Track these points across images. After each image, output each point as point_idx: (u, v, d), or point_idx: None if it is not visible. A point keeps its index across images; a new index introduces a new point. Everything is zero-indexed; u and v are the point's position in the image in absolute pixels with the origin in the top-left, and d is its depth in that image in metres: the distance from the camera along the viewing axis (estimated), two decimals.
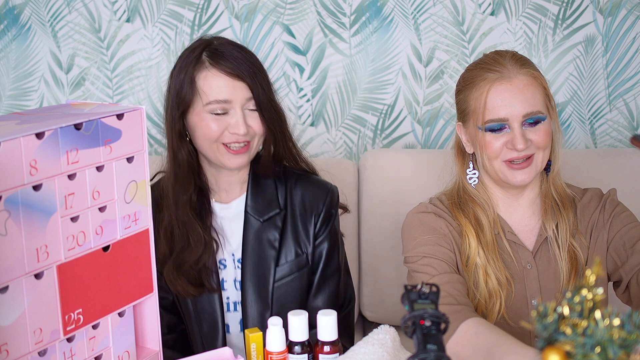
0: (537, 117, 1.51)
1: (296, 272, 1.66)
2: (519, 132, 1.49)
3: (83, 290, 1.10)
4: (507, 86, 1.50)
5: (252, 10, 2.39)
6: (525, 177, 1.52)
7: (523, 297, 1.55)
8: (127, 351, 1.20)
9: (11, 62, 2.46)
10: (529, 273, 1.56)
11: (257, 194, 1.66)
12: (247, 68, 1.58)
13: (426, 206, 1.61)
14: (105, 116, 1.11)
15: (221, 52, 1.58)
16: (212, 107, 1.57)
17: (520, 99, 1.49)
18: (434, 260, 1.52)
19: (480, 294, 1.53)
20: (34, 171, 1.02)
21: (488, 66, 1.53)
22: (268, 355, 1.30)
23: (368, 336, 1.33)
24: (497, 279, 1.52)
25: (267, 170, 1.67)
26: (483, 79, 1.52)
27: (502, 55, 1.55)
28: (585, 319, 0.93)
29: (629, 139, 1.54)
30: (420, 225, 1.58)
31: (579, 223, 1.59)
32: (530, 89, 1.50)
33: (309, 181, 1.70)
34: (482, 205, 1.58)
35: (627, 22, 2.37)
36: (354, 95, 2.42)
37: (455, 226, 1.57)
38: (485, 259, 1.53)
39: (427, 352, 0.95)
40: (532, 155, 1.52)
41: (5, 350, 1.00)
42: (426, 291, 1.05)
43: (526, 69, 1.52)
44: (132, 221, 1.17)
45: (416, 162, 2.19)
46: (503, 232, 1.57)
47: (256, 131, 1.60)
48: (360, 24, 2.38)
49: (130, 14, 2.41)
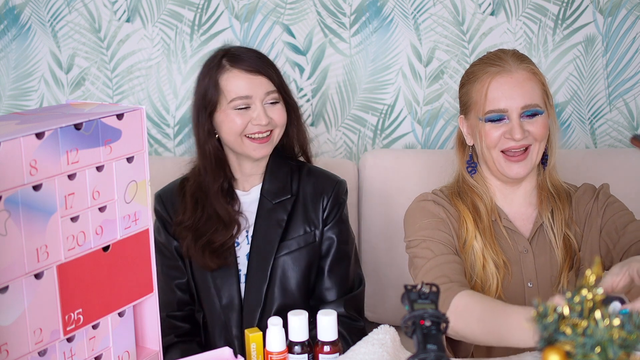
0: (535, 109, 1.57)
1: (303, 247, 1.80)
2: (517, 123, 1.56)
3: (83, 290, 1.10)
4: (507, 79, 1.57)
5: (252, 10, 2.39)
6: (521, 170, 1.59)
7: (519, 279, 1.61)
8: (127, 351, 1.20)
9: (11, 62, 2.46)
10: (525, 257, 1.62)
11: (273, 180, 1.83)
12: (264, 65, 1.78)
13: (426, 195, 1.68)
14: (105, 116, 1.11)
15: (238, 55, 1.79)
16: (236, 103, 1.76)
17: (520, 92, 1.56)
18: (433, 242, 1.58)
19: (477, 276, 1.59)
20: (34, 171, 1.02)
21: (490, 61, 1.61)
22: (268, 355, 1.30)
23: (368, 336, 1.33)
24: (494, 261, 1.58)
25: (280, 156, 1.86)
26: (485, 72, 1.60)
27: (504, 51, 1.63)
28: (585, 319, 0.93)
29: (629, 139, 1.57)
30: (420, 212, 1.64)
31: (573, 213, 1.65)
32: (529, 83, 1.58)
33: (320, 172, 1.88)
34: (480, 195, 1.64)
35: (627, 22, 2.37)
36: (354, 95, 2.42)
37: (453, 212, 1.63)
38: (482, 243, 1.59)
39: (427, 352, 0.95)
40: (529, 146, 1.59)
41: (5, 350, 1.00)
42: (426, 291, 1.06)
43: (526, 64, 1.60)
44: (132, 221, 1.17)
45: (416, 162, 2.19)
46: (500, 218, 1.64)
47: (277, 122, 1.78)
48: (360, 24, 2.38)
49: (130, 14, 2.41)
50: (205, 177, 1.81)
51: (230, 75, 1.77)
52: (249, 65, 1.77)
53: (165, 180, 1.89)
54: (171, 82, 2.44)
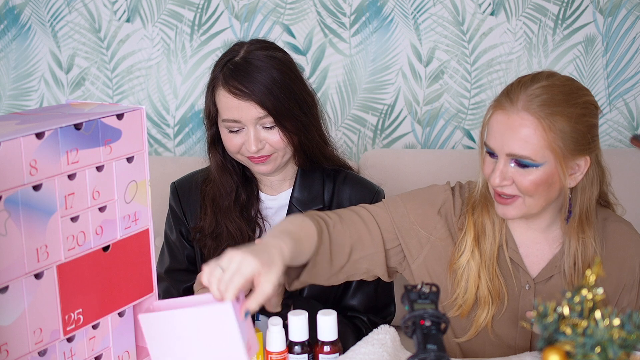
0: (522, 161, 1.36)
1: None
2: (500, 168, 1.39)
3: (83, 290, 1.10)
4: (503, 118, 1.38)
5: (252, 10, 2.39)
6: (507, 212, 1.41)
7: (514, 315, 1.48)
8: (127, 351, 1.20)
9: (11, 62, 2.46)
10: (526, 293, 1.47)
11: (304, 188, 1.69)
12: (260, 86, 1.57)
13: (446, 190, 1.53)
14: (105, 116, 1.11)
15: (236, 70, 1.58)
16: (227, 125, 1.60)
17: (510, 136, 1.37)
18: (386, 213, 1.48)
19: (465, 299, 1.46)
20: (34, 171, 1.01)
21: (507, 91, 1.42)
22: (268, 355, 1.30)
23: (368, 336, 1.33)
24: (488, 288, 1.45)
25: (305, 163, 1.69)
26: (496, 100, 1.43)
27: (524, 84, 1.40)
28: (585, 319, 0.93)
29: (629, 139, 1.51)
30: (427, 194, 1.53)
31: (605, 261, 1.46)
32: (524, 130, 1.36)
33: (357, 180, 1.73)
34: (492, 217, 1.47)
35: (627, 22, 2.37)
36: (354, 95, 2.42)
37: (456, 222, 1.50)
38: (480, 263, 1.45)
39: (427, 352, 0.95)
40: (516, 197, 1.40)
41: (5, 350, 1.00)
42: (426, 291, 1.06)
43: (535, 109, 1.36)
44: (132, 221, 1.17)
45: (416, 162, 2.19)
46: (506, 247, 1.48)
47: (274, 146, 1.60)
48: (360, 24, 2.38)
49: (130, 14, 2.41)
50: (213, 187, 1.69)
51: (221, 93, 1.59)
52: (238, 88, 1.56)
53: (165, 180, 1.87)
54: (171, 82, 2.44)
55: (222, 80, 1.59)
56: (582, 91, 1.41)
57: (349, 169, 1.76)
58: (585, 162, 1.41)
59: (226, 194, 1.67)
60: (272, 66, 1.60)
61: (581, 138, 1.38)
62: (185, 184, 1.74)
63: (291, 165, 1.70)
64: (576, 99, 1.39)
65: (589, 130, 1.39)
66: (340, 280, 1.46)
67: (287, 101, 1.59)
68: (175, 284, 1.72)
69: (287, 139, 1.60)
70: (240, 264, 1.12)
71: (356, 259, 1.45)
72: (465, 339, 1.50)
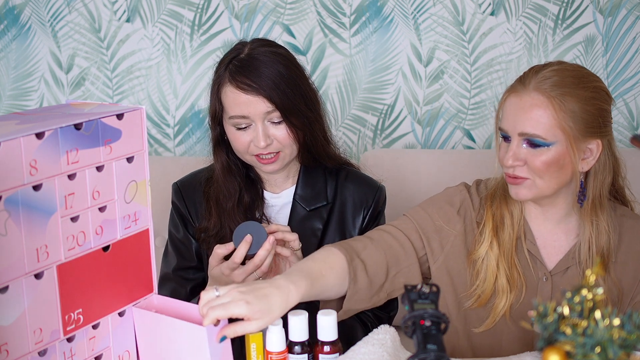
0: (533, 139, 1.40)
1: None
2: (513, 149, 1.43)
3: (83, 290, 1.10)
4: (516, 100, 1.43)
5: (252, 10, 2.39)
6: (519, 193, 1.45)
7: (531, 308, 1.50)
8: (127, 351, 1.20)
9: (11, 62, 2.46)
10: (544, 285, 1.50)
11: (307, 185, 1.70)
12: (267, 80, 1.57)
13: (461, 190, 1.58)
14: (105, 116, 1.11)
15: (242, 66, 1.59)
16: (235, 122, 1.60)
17: (522, 117, 1.41)
18: (410, 223, 1.53)
19: (484, 289, 1.49)
20: (34, 171, 1.02)
21: (520, 77, 1.47)
22: (268, 355, 1.30)
23: (368, 336, 1.33)
24: (507, 278, 1.47)
25: (308, 161, 1.71)
26: (510, 86, 1.47)
27: (537, 70, 1.45)
28: (585, 319, 0.93)
29: (629, 139, 1.51)
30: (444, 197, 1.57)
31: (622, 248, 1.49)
32: (537, 110, 1.40)
33: (359, 177, 1.74)
34: (510, 206, 1.51)
35: (627, 22, 2.37)
36: (354, 95, 2.42)
37: (475, 217, 1.53)
38: (498, 253, 1.48)
39: (427, 352, 0.95)
40: (527, 178, 1.44)
41: (5, 350, 1.00)
42: (426, 291, 1.06)
43: (545, 89, 1.40)
44: (132, 221, 1.18)
45: (416, 162, 2.19)
46: (524, 239, 1.51)
47: (282, 142, 1.60)
48: (360, 24, 2.38)
49: (130, 14, 2.41)
50: (217, 187, 1.68)
51: (228, 90, 1.59)
52: (247, 83, 1.57)
53: (165, 180, 1.87)
54: (171, 82, 2.44)
55: (229, 77, 1.59)
56: (593, 77, 1.46)
57: (351, 166, 1.77)
58: (597, 146, 1.43)
59: (230, 195, 1.67)
60: (278, 61, 1.60)
61: (592, 120, 1.41)
62: (188, 185, 1.74)
63: (294, 163, 1.71)
64: (586, 83, 1.43)
65: (600, 114, 1.43)
66: (382, 300, 1.51)
67: (293, 96, 1.60)
68: (184, 283, 1.72)
69: (293, 134, 1.60)
70: (231, 302, 1.18)
71: (394, 274, 1.50)
72: (483, 328, 1.51)
